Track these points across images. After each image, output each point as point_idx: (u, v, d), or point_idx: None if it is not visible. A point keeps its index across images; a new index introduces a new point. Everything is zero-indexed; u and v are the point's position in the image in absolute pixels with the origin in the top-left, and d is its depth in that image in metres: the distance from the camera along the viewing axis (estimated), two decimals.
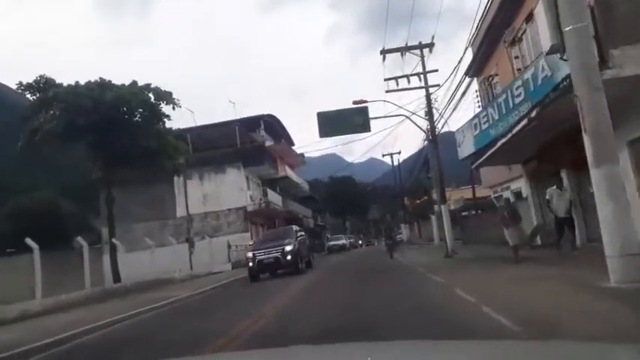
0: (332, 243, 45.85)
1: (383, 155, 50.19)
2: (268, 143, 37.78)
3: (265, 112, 39.98)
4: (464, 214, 44.75)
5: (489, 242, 23.67)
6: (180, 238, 30.00)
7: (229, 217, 31.27)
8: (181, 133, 19.04)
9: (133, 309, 11.13)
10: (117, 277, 16.94)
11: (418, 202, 62.49)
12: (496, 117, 13.67)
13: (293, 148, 46.87)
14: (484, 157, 14.91)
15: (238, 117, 36.50)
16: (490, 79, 16.98)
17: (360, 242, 66.30)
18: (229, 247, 27.77)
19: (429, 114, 20.48)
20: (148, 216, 31.53)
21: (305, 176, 53.84)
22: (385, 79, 20.69)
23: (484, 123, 14.62)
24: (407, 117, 19.47)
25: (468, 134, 16.09)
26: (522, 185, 24.57)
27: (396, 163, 50.73)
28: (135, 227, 31.26)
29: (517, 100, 12.24)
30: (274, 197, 35.82)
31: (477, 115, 15.46)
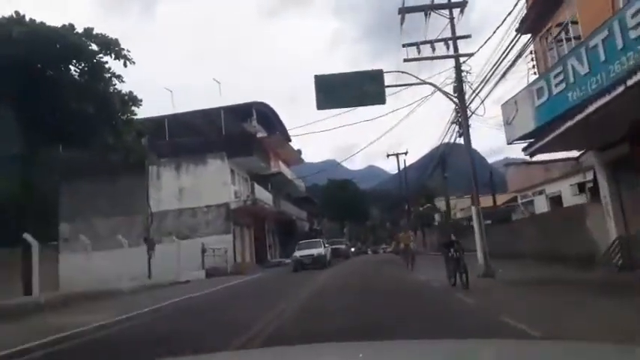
0: (300, 254, 25.25)
1: (388, 156, 45.59)
2: (261, 135, 33.20)
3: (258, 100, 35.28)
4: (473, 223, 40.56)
5: (520, 257, 18.97)
6: (152, 236, 25.38)
7: (208, 216, 26.55)
8: (131, 95, 14.30)
9: None
10: (28, 289, 12.24)
11: (421, 209, 58.14)
12: (584, 70, 9.06)
13: (289, 144, 42.32)
14: (553, 134, 10.26)
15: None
16: (560, 28, 12.33)
17: (353, 249, 53.35)
18: (204, 251, 23.02)
19: (459, 89, 15.92)
20: (116, 211, 26.91)
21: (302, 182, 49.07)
22: (404, 45, 16.14)
23: (557, 84, 10.00)
24: (435, 87, 14.86)
25: (525, 106, 11.48)
26: (571, 185, 19.88)
27: (400, 167, 46.10)
28: (98, 224, 26.69)
29: (635, 34, 7.67)
30: (264, 195, 31.11)
31: (543, 76, 10.86)
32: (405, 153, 44.73)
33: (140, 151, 15.31)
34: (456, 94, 16.08)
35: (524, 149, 12.73)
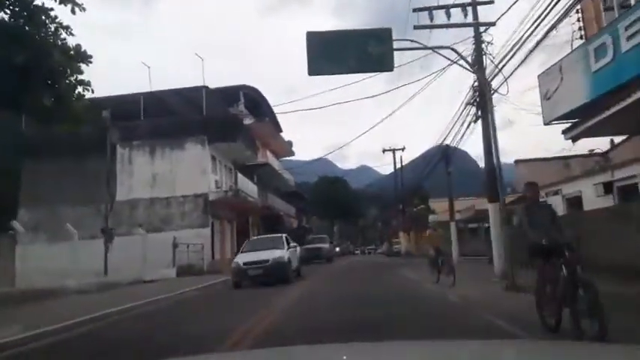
0: (244, 260, 15.01)
1: (384, 151, 43.12)
2: (249, 121, 30.51)
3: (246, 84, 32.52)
4: (471, 226, 38.81)
5: (531, 264, 16.50)
6: (119, 228, 22.61)
7: (184, 207, 23.79)
8: (78, 49, 11.59)
9: None
10: None
11: (415, 210, 55.91)
12: None
13: (280, 135, 39.64)
14: (618, 107, 7.74)
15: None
16: None
17: (338, 249, 47.92)
18: (175, 245, 20.28)
19: (479, 62, 13.41)
20: (86, 198, 24.04)
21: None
22: (414, 10, 13.63)
23: (631, 36, 7.49)
24: (456, 52, 12.29)
25: (573, 73, 8.98)
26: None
27: (395, 163, 43.66)
28: (63, 212, 23.82)
29: None
30: (249, 187, 28.43)
31: (607, 29, 8.34)
32: (402, 149, 42.20)
33: (89, 117, 12.50)
34: (474, 68, 13.60)
35: (566, 131, 10.23)
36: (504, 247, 11.87)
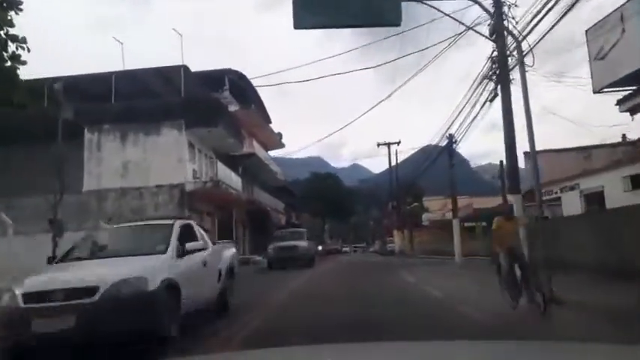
0: (35, 288, 5.34)
1: (378, 145, 41.03)
2: (234, 108, 28.17)
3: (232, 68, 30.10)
4: (468, 224, 37.40)
5: (547, 267, 14.28)
6: (85, 222, 20.22)
7: (158, 198, 21.41)
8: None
9: None
10: None
11: (409, 207, 54.12)
12: None
13: (269, 126, 37.32)
14: None
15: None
16: None
17: (320, 247, 40.37)
18: None
19: (499, 27, 11.23)
20: (44, 187, 21.55)
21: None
22: None
23: None
24: (478, 3, 10.04)
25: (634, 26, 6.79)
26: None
27: (390, 158, 41.54)
28: (24, 202, 21.31)
29: None
30: (232, 178, 26.10)
31: None
32: (398, 143, 40.10)
33: (23, 86, 10.07)
34: (493, 36, 11.42)
35: (622, 101, 8.04)
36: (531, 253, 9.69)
